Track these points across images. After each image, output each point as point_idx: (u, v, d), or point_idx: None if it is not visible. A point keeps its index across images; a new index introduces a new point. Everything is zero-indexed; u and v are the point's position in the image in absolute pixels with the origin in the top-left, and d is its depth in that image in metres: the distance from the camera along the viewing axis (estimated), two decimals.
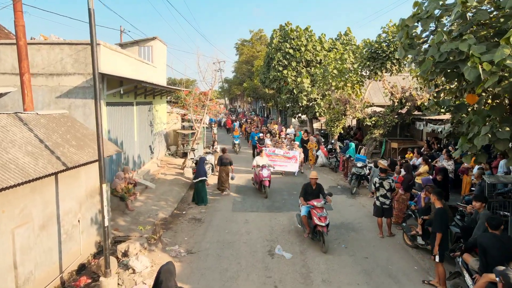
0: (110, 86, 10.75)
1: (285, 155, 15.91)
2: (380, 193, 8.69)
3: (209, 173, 15.35)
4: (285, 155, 15.93)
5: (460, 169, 11.19)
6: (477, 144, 5.47)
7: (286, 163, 15.81)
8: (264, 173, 12.50)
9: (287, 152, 16.08)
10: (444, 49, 5.06)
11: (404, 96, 15.36)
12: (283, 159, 15.83)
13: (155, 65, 17.35)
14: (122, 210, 10.50)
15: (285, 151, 16.08)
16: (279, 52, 23.27)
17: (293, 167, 15.87)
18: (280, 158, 15.83)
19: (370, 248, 8.19)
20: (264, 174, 12.49)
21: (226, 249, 8.22)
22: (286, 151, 16.11)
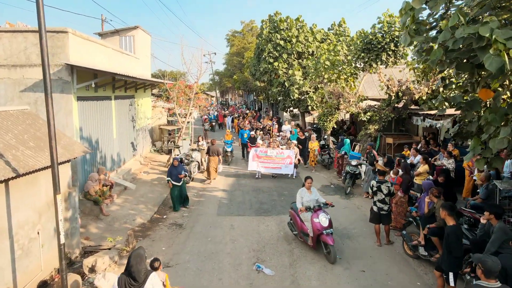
0: (82, 79, 9.74)
1: (278, 156, 14.09)
2: (378, 197, 7.89)
3: (195, 172, 14.47)
4: (279, 155, 14.08)
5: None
6: (493, 147, 4.67)
7: (280, 165, 14.00)
8: (322, 221, 7.40)
9: (280, 152, 14.19)
10: (460, 35, 4.21)
11: (401, 90, 14.56)
12: (277, 160, 14.03)
13: (138, 56, 16.30)
14: (95, 215, 9.60)
15: (278, 151, 14.19)
16: (270, 43, 22.30)
17: (288, 169, 14.02)
18: (273, 159, 14.07)
19: (367, 259, 7.40)
20: (323, 223, 7.38)
21: (207, 262, 7.37)
22: (279, 151, 14.21)
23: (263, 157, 14.11)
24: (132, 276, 4.25)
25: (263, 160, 14.08)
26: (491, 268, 3.73)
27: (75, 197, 7.73)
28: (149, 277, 4.33)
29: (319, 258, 7.48)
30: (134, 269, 4.24)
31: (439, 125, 12.74)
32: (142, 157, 16.57)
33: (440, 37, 4.51)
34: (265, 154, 14.10)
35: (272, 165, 14.03)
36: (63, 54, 9.22)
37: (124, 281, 4.29)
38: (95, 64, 10.69)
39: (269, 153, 14.11)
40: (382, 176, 8.05)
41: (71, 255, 7.60)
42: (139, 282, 4.26)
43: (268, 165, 14.04)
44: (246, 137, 17.69)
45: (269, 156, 14.09)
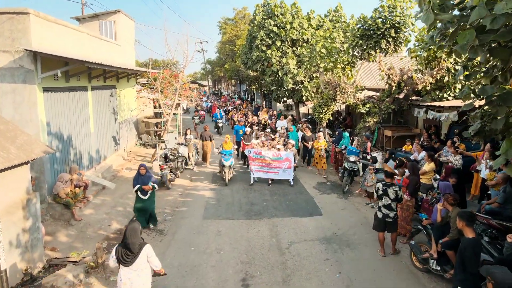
0: (48, 67, 8.62)
1: (275, 159, 11.96)
2: (383, 202, 6.94)
3: (182, 168, 13.45)
4: (275, 158, 11.95)
5: (473, 166, 9.56)
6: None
7: (278, 169, 11.92)
8: None
9: (277, 154, 12.04)
10: (502, 10, 3.24)
11: (403, 80, 13.57)
12: (273, 163, 11.93)
13: (119, 43, 15.10)
14: (66, 221, 8.59)
15: (274, 153, 12.02)
16: (263, 30, 21.10)
17: (286, 173, 11.94)
18: (269, 162, 11.94)
19: (371, 273, 6.51)
20: None
21: (188, 278, 6.43)
22: (276, 153, 12.04)
23: (257, 159, 12.06)
24: (128, 247, 4.62)
25: (258, 163, 12.07)
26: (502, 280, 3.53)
27: (35, 204, 6.70)
28: (143, 248, 4.73)
29: (315, 272, 6.58)
30: (129, 241, 4.61)
31: (443, 118, 11.85)
32: (126, 151, 15.50)
33: (473, 15, 3.51)
34: (260, 156, 12.03)
35: (267, 169, 11.98)
36: (24, 39, 8.08)
37: (120, 252, 4.67)
38: (66, 51, 9.56)
39: (264, 154, 12.02)
40: (390, 178, 7.09)
41: (33, 270, 6.61)
42: (134, 253, 4.63)
43: (263, 169, 12.02)
44: (241, 133, 15.56)
45: (264, 158, 12.02)
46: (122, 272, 4.68)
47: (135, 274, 4.66)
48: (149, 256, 4.77)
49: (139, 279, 4.67)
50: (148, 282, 4.80)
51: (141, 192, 8.31)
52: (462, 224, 4.77)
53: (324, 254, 7.23)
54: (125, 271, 4.66)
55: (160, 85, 14.53)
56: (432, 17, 3.85)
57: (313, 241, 7.84)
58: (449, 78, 12.88)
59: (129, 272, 4.65)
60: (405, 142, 13.19)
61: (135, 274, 4.66)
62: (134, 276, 4.66)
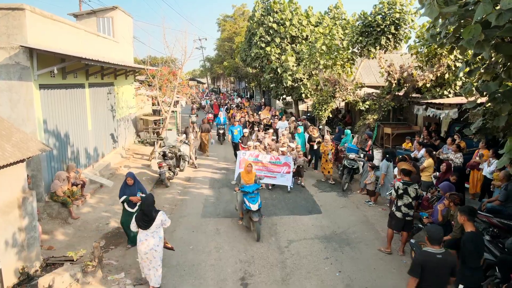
0: (45, 64, 8.51)
1: (273, 162, 11.11)
2: (404, 201, 6.75)
3: (184, 166, 13.33)
4: (273, 162, 11.10)
5: (469, 164, 9.51)
6: None
7: (275, 174, 11.07)
8: None
9: (276, 158, 11.18)
10: (508, 5, 3.16)
11: (403, 77, 13.49)
12: (271, 167, 11.06)
13: (117, 39, 14.97)
14: (63, 219, 8.51)
15: (272, 156, 11.22)
16: (262, 26, 20.99)
17: (284, 179, 11.00)
18: (266, 166, 11.07)
19: (371, 272, 6.45)
20: None
21: (186, 277, 6.36)
22: (274, 156, 11.23)
23: (252, 163, 10.54)
24: (145, 214, 5.81)
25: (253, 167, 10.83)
26: (434, 236, 4.21)
27: (32, 202, 6.60)
28: (158, 214, 5.87)
29: (315, 271, 6.52)
30: (146, 209, 5.82)
31: (443, 115, 11.79)
32: (125, 149, 15.40)
33: (478, 11, 3.42)
34: (256, 160, 11.04)
35: (264, 173, 11.00)
36: (20, 35, 7.97)
37: (140, 217, 5.86)
38: (62, 48, 9.45)
39: (261, 158, 11.14)
40: (408, 176, 6.93)
41: (29, 269, 6.53)
42: (149, 218, 5.79)
43: (259, 173, 10.67)
44: (237, 134, 14.66)
45: (260, 161, 11.10)
46: (141, 235, 5.86)
47: (150, 235, 5.82)
48: (163, 220, 5.92)
49: (153, 240, 5.83)
50: (160, 243, 5.94)
51: (128, 204, 7.41)
52: (463, 218, 4.73)
53: (324, 253, 7.17)
54: (143, 234, 5.83)
55: (159, 82, 14.42)
56: (437, 10, 3.75)
57: (313, 240, 7.78)
58: (450, 75, 12.80)
59: (146, 234, 5.83)
60: (404, 139, 13.13)
61: (151, 235, 5.83)
62: (150, 237, 5.82)
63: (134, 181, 7.50)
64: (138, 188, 7.54)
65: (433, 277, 4.10)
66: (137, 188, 7.53)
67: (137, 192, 7.45)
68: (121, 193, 7.46)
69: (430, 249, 4.22)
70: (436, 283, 4.14)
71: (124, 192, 7.44)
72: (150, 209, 5.84)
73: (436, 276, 4.11)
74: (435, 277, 4.11)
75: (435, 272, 4.11)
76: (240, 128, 14.94)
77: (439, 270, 4.11)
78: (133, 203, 7.40)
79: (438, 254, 4.14)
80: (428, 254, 4.20)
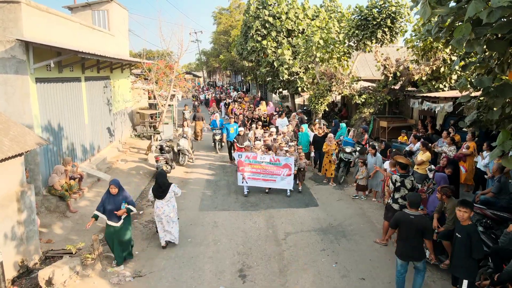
0: (41, 58, 8.47)
1: (272, 164, 10.15)
2: (401, 194, 6.87)
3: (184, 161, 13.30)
4: (273, 163, 10.15)
5: (455, 155, 9.58)
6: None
7: (275, 176, 10.12)
8: None
9: (275, 159, 10.18)
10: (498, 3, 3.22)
11: (399, 70, 13.56)
12: (270, 169, 10.14)
13: (113, 33, 14.88)
14: (62, 213, 8.54)
15: (272, 158, 10.22)
16: (258, 20, 20.88)
17: (285, 182, 10.07)
18: (264, 168, 10.17)
19: (367, 263, 6.56)
20: None
21: (185, 269, 6.44)
22: (273, 158, 10.21)
23: (250, 165, 10.21)
24: (159, 185, 6.97)
25: (251, 170, 10.19)
26: (413, 200, 5.23)
27: (30, 196, 6.64)
28: (171, 186, 7.05)
29: (312, 262, 6.63)
30: (160, 182, 6.97)
31: (439, 109, 11.89)
32: (121, 143, 15.39)
33: (469, 9, 3.48)
34: (254, 161, 10.19)
35: (263, 176, 10.19)
36: (16, 28, 7.91)
37: (156, 188, 7.02)
38: (58, 41, 9.40)
39: (260, 159, 10.24)
40: (404, 170, 7.05)
41: (29, 262, 6.58)
42: (163, 189, 6.96)
43: (258, 177, 10.17)
44: (233, 133, 13.75)
45: (258, 163, 10.20)
46: (158, 203, 6.97)
47: (165, 204, 6.96)
48: (175, 191, 7.07)
49: (168, 208, 6.99)
50: (174, 209, 7.11)
51: (111, 218, 6.41)
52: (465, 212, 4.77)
53: (321, 245, 7.28)
54: (159, 202, 6.95)
55: (155, 76, 14.38)
56: (429, 11, 3.82)
57: (310, 232, 7.89)
58: (445, 69, 12.89)
59: (161, 203, 6.95)
60: (400, 133, 13.24)
61: (165, 203, 6.96)
62: (165, 205, 6.96)
63: (118, 190, 6.53)
64: (123, 198, 6.53)
65: (406, 232, 5.17)
66: (122, 197, 6.52)
67: (122, 202, 6.45)
68: (100, 204, 6.51)
69: (407, 211, 5.28)
70: (408, 237, 5.16)
71: (106, 203, 6.45)
72: (164, 181, 6.99)
73: (408, 231, 5.15)
74: (407, 232, 5.16)
75: (407, 228, 5.16)
76: (236, 126, 13.98)
77: (410, 227, 5.13)
78: (117, 216, 6.41)
79: (411, 215, 5.18)
80: (404, 214, 5.30)
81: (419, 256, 5.20)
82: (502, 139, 4.26)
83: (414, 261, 5.24)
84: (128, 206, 6.52)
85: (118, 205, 6.43)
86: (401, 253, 5.27)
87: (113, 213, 6.39)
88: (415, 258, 5.21)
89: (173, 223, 7.14)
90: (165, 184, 6.98)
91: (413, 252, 5.18)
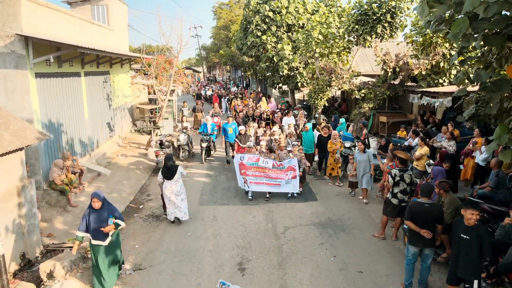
0: (40, 53, 8.48)
1: (276, 168, 9.43)
2: (400, 188, 6.91)
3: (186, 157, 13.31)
4: (277, 167, 9.42)
5: (463, 151, 9.66)
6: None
7: (279, 180, 9.38)
8: None
9: (279, 164, 9.47)
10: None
11: (398, 65, 13.55)
12: (274, 173, 9.39)
13: (112, 27, 14.86)
14: (62, 207, 8.60)
15: (274, 163, 9.45)
16: (258, 15, 20.81)
17: (290, 186, 9.40)
18: (266, 172, 9.42)
19: (365, 257, 6.63)
20: None
21: (185, 262, 6.51)
22: (276, 162, 9.50)
23: (252, 168, 9.46)
24: (168, 168, 7.78)
25: (253, 173, 9.44)
26: (424, 190, 5.40)
27: (31, 190, 6.68)
28: (178, 168, 7.89)
29: (310, 255, 6.69)
30: (169, 165, 7.78)
31: (438, 104, 11.92)
32: (121, 138, 15.43)
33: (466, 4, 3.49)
34: (256, 164, 9.47)
35: (266, 180, 9.41)
36: (15, 23, 7.91)
37: (165, 170, 7.79)
38: (57, 36, 9.39)
39: (262, 162, 9.51)
40: (404, 164, 7.06)
41: (30, 256, 6.66)
42: (172, 171, 7.75)
43: (261, 181, 9.40)
44: (231, 133, 12.54)
45: (261, 167, 9.45)
46: (166, 184, 7.76)
47: (173, 184, 7.76)
48: (182, 172, 7.93)
49: (176, 187, 7.78)
50: (182, 188, 7.91)
51: (97, 236, 5.52)
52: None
53: (319, 239, 7.34)
54: (168, 183, 7.75)
55: (155, 71, 14.37)
56: (427, 11, 3.84)
57: (308, 226, 7.94)
58: (445, 64, 12.89)
59: (170, 183, 7.74)
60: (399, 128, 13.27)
61: (174, 184, 7.76)
62: (173, 185, 7.75)
63: (102, 203, 5.59)
64: (109, 212, 5.63)
65: (422, 221, 5.28)
66: (108, 212, 5.62)
67: (109, 218, 5.56)
68: (82, 222, 5.61)
69: (420, 200, 5.41)
70: (425, 224, 5.26)
71: (88, 219, 5.55)
72: (171, 164, 7.83)
73: (424, 220, 5.27)
74: (423, 221, 5.27)
75: (423, 217, 5.28)
76: (235, 125, 12.84)
77: (426, 216, 5.26)
78: (103, 234, 5.52)
79: (425, 203, 5.32)
80: (418, 204, 5.41)
81: (430, 243, 5.34)
82: (499, 133, 4.29)
83: (427, 247, 5.35)
84: (116, 221, 5.60)
85: (104, 221, 5.50)
86: (417, 240, 5.37)
87: (99, 230, 5.46)
88: (427, 244, 5.34)
89: (182, 201, 7.87)
90: (173, 166, 7.79)
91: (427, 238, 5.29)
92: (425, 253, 5.44)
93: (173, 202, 7.79)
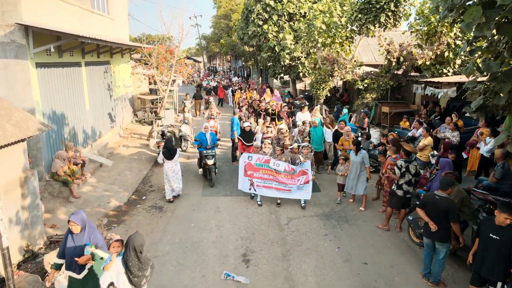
0: (41, 42, 8.36)
1: (288, 172, 8.44)
2: (405, 179, 6.86)
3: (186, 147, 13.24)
4: (288, 171, 8.44)
5: (468, 142, 9.60)
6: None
7: (290, 186, 8.43)
8: None
9: (290, 168, 8.45)
10: None
11: (402, 55, 13.39)
12: (284, 178, 8.45)
13: (113, 17, 14.65)
14: (65, 198, 8.58)
15: (286, 167, 8.46)
16: (259, 3, 20.53)
17: (303, 192, 8.39)
18: (275, 175, 8.50)
19: (369, 248, 6.62)
20: None
21: (189, 253, 6.50)
22: (288, 166, 8.47)
23: (260, 170, 8.63)
24: (168, 149, 8.77)
25: (262, 175, 8.61)
26: (443, 182, 5.44)
27: (33, 181, 6.65)
28: (177, 151, 8.98)
29: (315, 247, 6.69)
30: (169, 147, 8.82)
31: (442, 94, 11.81)
32: (122, 128, 15.36)
33: None
34: (266, 166, 8.60)
35: (276, 184, 8.51)
36: (15, 12, 7.78)
37: (166, 152, 8.75)
38: (57, 25, 9.25)
39: (273, 164, 8.57)
40: (408, 156, 7.00)
41: (34, 247, 6.65)
42: (172, 153, 8.78)
43: (270, 184, 8.52)
44: (235, 128, 11.77)
45: (271, 169, 8.55)
46: (167, 165, 8.74)
47: (174, 164, 8.82)
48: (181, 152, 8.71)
49: (176, 167, 8.88)
50: (179, 169, 9.01)
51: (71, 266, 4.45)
52: None
53: (323, 230, 7.33)
54: (168, 163, 8.75)
55: (155, 61, 14.22)
56: None
57: (312, 217, 7.93)
58: (449, 53, 12.73)
59: (170, 163, 8.76)
60: (402, 118, 13.19)
61: (174, 164, 8.83)
62: (173, 165, 8.82)
63: (83, 228, 4.46)
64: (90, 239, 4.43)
65: (431, 212, 5.40)
66: (88, 237, 4.44)
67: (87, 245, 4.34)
68: (62, 245, 4.59)
69: (436, 192, 5.46)
70: (435, 216, 5.34)
71: (65, 246, 4.48)
72: (171, 145, 8.87)
73: (433, 211, 5.38)
74: (432, 212, 5.38)
75: (432, 208, 5.40)
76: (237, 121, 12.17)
77: (436, 207, 5.35)
78: (79, 265, 4.40)
79: (437, 196, 5.39)
80: (431, 195, 5.55)
81: (440, 237, 5.32)
82: (508, 124, 4.25)
83: (436, 241, 5.37)
84: (94, 251, 4.26)
85: (82, 249, 4.35)
86: (427, 232, 5.46)
87: (73, 260, 4.36)
88: (437, 238, 5.35)
89: (178, 180, 8.95)
90: (173, 148, 8.83)
91: (436, 232, 5.31)
92: (436, 246, 5.46)
93: (171, 183, 8.79)
